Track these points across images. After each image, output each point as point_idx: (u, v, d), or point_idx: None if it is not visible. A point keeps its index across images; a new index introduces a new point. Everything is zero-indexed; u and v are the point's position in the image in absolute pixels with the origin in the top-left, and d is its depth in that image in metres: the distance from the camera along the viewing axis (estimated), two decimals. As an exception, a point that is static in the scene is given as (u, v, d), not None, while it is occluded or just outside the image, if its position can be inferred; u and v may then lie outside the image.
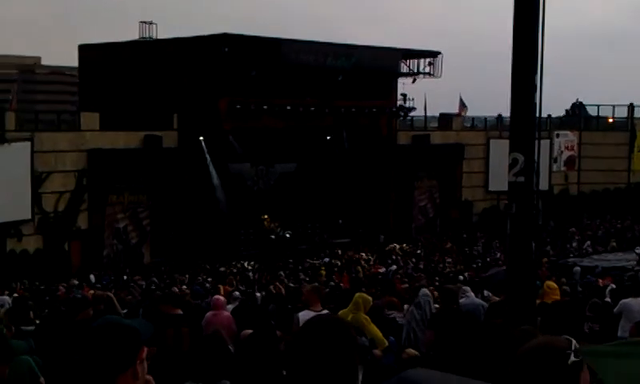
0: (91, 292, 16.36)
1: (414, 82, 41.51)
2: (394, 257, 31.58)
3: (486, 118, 46.04)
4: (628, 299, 11.33)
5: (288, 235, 37.75)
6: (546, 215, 35.26)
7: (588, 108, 49.08)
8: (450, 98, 47.89)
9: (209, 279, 24.96)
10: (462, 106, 44.62)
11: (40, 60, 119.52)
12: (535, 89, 6.99)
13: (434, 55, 41.52)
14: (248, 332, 7.10)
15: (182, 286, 20.89)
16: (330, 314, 5.60)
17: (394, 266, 27.33)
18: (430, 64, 41.45)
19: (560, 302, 12.92)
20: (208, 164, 34.59)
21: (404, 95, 41.35)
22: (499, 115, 43.36)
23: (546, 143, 40.39)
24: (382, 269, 26.92)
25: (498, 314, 7.49)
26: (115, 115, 33.92)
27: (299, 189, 38.03)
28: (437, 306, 10.21)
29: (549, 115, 43.52)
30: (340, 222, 40.26)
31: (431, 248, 35.55)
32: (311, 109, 36.82)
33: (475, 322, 8.55)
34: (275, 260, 31.80)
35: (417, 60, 41.63)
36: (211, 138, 34.72)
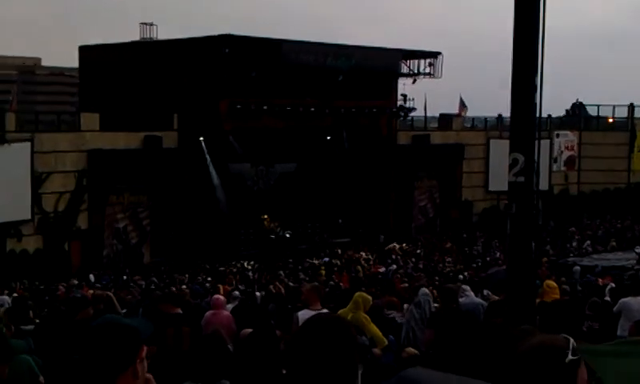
0: (91, 292, 16.38)
1: (414, 82, 41.56)
2: (393, 256, 31.58)
3: (486, 118, 46.05)
4: (627, 298, 11.35)
5: (288, 235, 37.77)
6: (545, 215, 35.26)
7: (588, 108, 49.10)
8: (450, 98, 47.94)
9: (208, 279, 24.99)
10: (462, 106, 44.63)
11: (40, 61, 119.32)
12: (535, 89, 6.99)
13: (434, 55, 41.53)
14: (248, 331, 7.10)
15: (182, 286, 20.89)
16: (330, 313, 5.60)
17: (393, 266, 27.34)
18: (430, 64, 41.45)
19: (559, 301, 12.94)
20: (208, 164, 34.61)
21: (404, 95, 41.36)
22: (499, 115, 43.37)
23: (546, 143, 40.40)
24: (381, 268, 26.92)
25: (497, 313, 7.50)
26: (115, 116, 33.93)
27: (299, 189, 38.03)
28: (436, 306, 10.22)
29: (549, 115, 43.54)
30: (340, 221, 40.27)
31: (431, 248, 35.54)
32: (311, 109, 36.82)
33: (475, 321, 8.56)
34: (275, 260, 31.80)
35: (417, 60, 41.64)
36: (211, 138, 34.73)
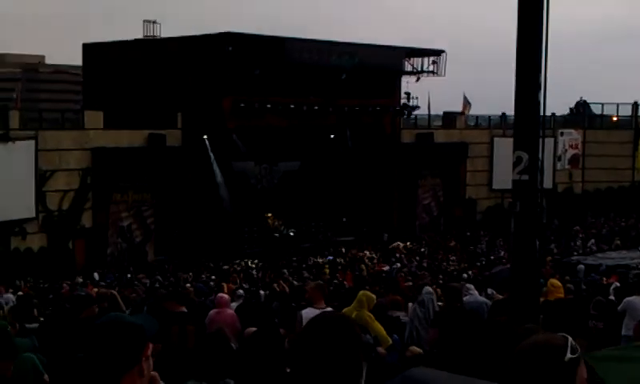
0: (95, 290, 16.40)
1: (417, 80, 41.48)
2: (397, 255, 31.56)
3: (489, 116, 45.99)
4: (632, 297, 11.31)
5: (292, 233, 37.78)
6: (550, 213, 35.21)
7: (592, 106, 49.03)
8: (454, 96, 47.77)
9: (212, 277, 25.00)
10: (465, 103, 44.58)
11: (44, 59, 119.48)
12: (539, 87, 6.97)
13: (437, 54, 41.49)
14: (252, 330, 7.11)
15: (186, 284, 20.90)
16: (335, 312, 5.61)
17: (397, 264, 27.32)
18: (434, 62, 41.41)
19: (563, 299, 12.90)
20: (212, 162, 34.62)
21: (408, 94, 41.30)
22: (503, 114, 43.31)
23: (550, 141, 40.31)
24: (385, 267, 26.90)
25: (501, 312, 7.50)
26: (119, 114, 33.95)
27: (303, 187, 38.03)
28: (440, 304, 10.20)
29: (553, 114, 43.49)
30: (344, 220, 40.25)
31: (435, 246, 35.51)
32: (315, 107, 36.81)
33: (479, 320, 8.56)
34: (279, 258, 31.81)
35: (421, 58, 41.59)
36: (215, 136, 34.75)
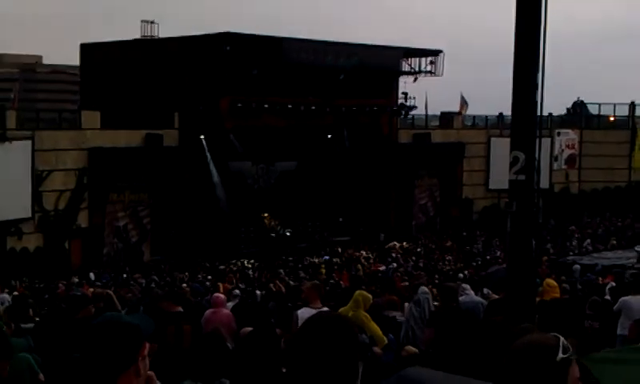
0: (91, 290, 16.39)
1: (415, 80, 41.52)
2: (393, 255, 31.58)
3: (486, 116, 46.03)
4: (628, 297, 11.32)
5: (288, 233, 37.77)
6: (546, 213, 35.24)
7: (589, 106, 49.09)
8: (452, 96, 47.78)
9: (209, 277, 24.99)
10: (462, 102, 44.60)
11: (41, 58, 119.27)
12: (536, 87, 7.00)
13: (435, 54, 41.52)
14: (248, 330, 7.11)
15: (182, 284, 20.90)
16: (331, 311, 5.61)
17: (393, 264, 27.33)
18: (432, 63, 41.45)
19: (558, 299, 12.93)
20: (208, 162, 34.61)
21: (405, 94, 41.35)
22: (500, 114, 43.34)
23: (546, 141, 40.36)
24: (382, 267, 26.91)
25: (497, 312, 7.50)
26: (116, 114, 33.93)
27: (300, 187, 38.03)
28: (436, 304, 10.21)
29: (550, 114, 43.53)
30: (340, 220, 40.27)
31: (430, 248, 35.51)
32: (312, 107, 36.82)
33: (474, 319, 8.57)
34: (275, 258, 31.82)
35: (418, 58, 41.63)
36: (212, 136, 34.73)
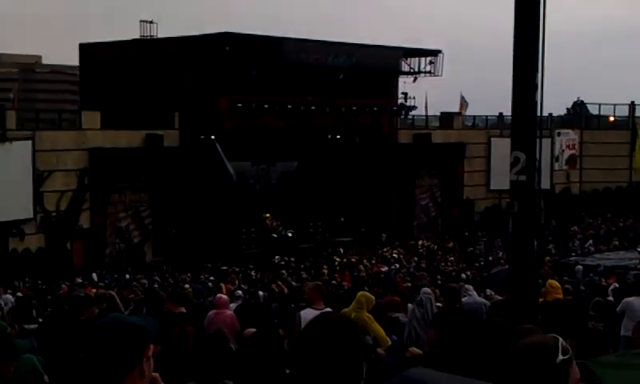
0: (93, 291, 16.40)
1: (415, 80, 41.53)
2: (395, 255, 31.59)
3: (487, 116, 46.03)
4: (631, 298, 11.32)
5: (290, 234, 37.76)
6: (547, 214, 35.16)
7: (589, 106, 49.11)
8: (452, 96, 47.77)
9: (211, 278, 24.99)
10: (462, 102, 44.58)
11: (41, 59, 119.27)
12: (536, 87, 6.99)
13: (434, 54, 41.52)
14: (251, 331, 7.12)
15: (185, 285, 20.91)
16: (335, 312, 5.61)
17: (396, 265, 27.36)
18: (431, 63, 41.45)
19: (560, 300, 12.91)
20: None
21: (405, 94, 41.34)
22: (500, 114, 43.35)
23: (547, 142, 40.35)
24: (384, 268, 26.93)
25: (500, 313, 7.51)
26: (116, 114, 33.93)
27: (300, 187, 38.03)
28: (439, 305, 10.21)
29: (550, 114, 43.52)
30: (342, 220, 40.27)
31: (433, 247, 35.52)
32: (312, 108, 36.83)
33: (477, 320, 8.57)
34: (271, 257, 31.91)
35: (418, 59, 41.63)
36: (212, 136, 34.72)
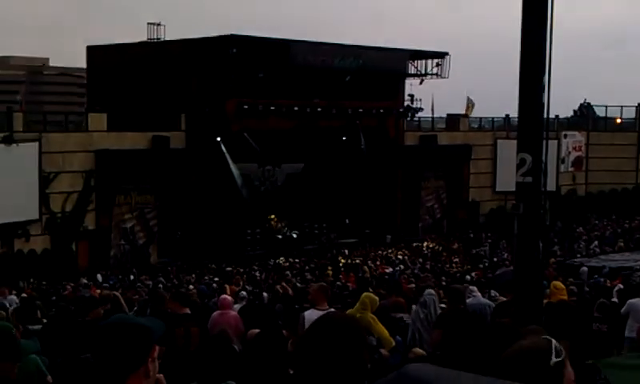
0: (98, 291, 16.42)
1: (421, 82, 41.55)
2: (400, 257, 31.59)
3: (493, 118, 45.99)
4: (635, 299, 11.31)
5: (295, 235, 37.77)
6: (553, 216, 35.15)
7: (596, 109, 49.00)
8: (458, 98, 47.79)
9: (215, 279, 25.00)
10: (468, 103, 44.48)
11: (48, 61, 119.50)
12: (543, 89, 6.98)
13: (441, 56, 41.51)
14: (255, 332, 7.12)
15: (189, 286, 20.92)
16: (340, 312, 5.61)
17: (400, 266, 27.34)
18: (438, 65, 41.46)
19: (564, 301, 12.88)
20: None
21: (411, 96, 41.37)
22: (507, 116, 43.30)
23: (553, 144, 40.27)
24: (388, 269, 26.92)
25: (504, 314, 7.49)
26: (123, 116, 34.01)
27: (306, 189, 38.03)
28: (443, 306, 10.19)
29: (556, 116, 43.40)
30: (347, 221, 40.25)
31: (438, 248, 35.50)
32: (318, 109, 36.85)
33: (482, 322, 8.55)
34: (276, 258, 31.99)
35: (424, 61, 41.63)
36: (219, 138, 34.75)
